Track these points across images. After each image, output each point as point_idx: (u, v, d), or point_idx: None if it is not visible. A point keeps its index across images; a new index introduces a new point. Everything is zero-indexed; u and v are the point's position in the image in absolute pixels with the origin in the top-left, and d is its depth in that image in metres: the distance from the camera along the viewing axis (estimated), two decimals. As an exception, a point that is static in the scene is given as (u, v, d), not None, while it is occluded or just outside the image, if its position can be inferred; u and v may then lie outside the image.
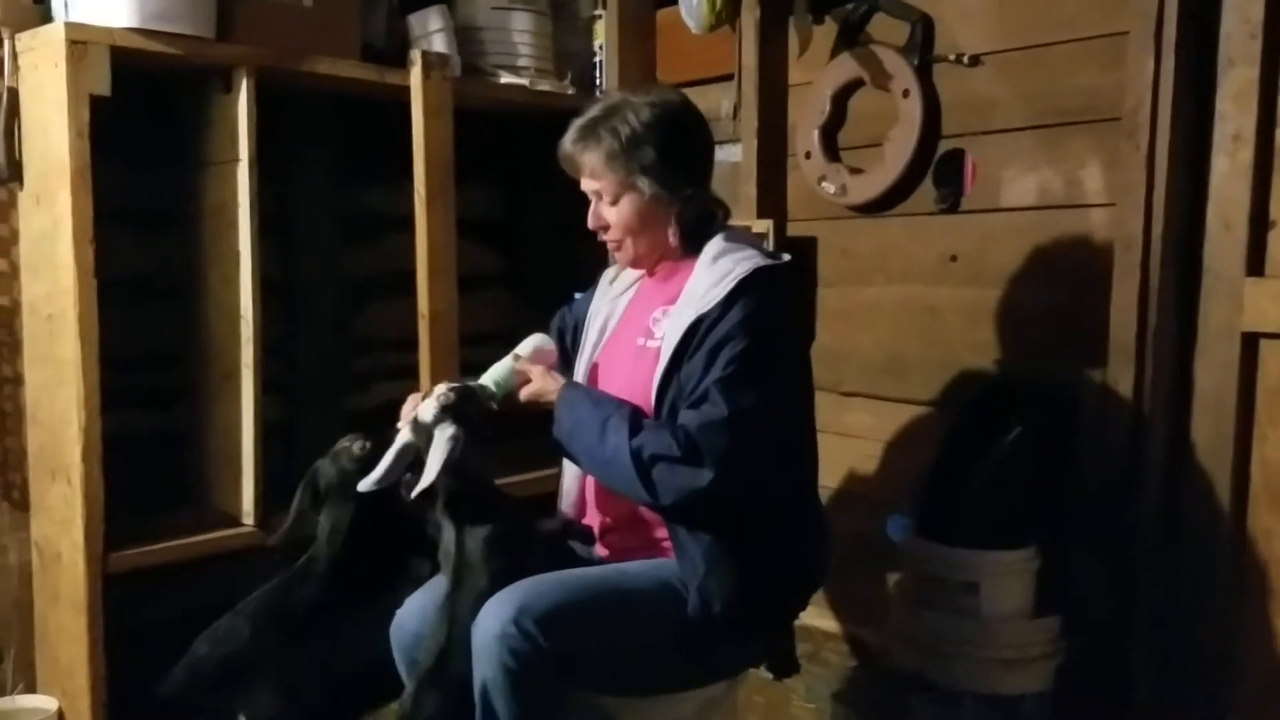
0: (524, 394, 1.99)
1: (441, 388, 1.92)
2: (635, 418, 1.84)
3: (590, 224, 2.03)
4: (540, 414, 1.97)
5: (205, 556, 2.61)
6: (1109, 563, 2.38)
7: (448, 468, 1.83)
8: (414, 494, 1.84)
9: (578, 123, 1.99)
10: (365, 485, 1.89)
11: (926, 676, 2.38)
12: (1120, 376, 2.35)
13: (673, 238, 2.00)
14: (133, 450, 2.68)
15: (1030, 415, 2.39)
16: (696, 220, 2.00)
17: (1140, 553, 2.35)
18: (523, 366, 2.01)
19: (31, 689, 2.65)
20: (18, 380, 2.62)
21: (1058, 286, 2.53)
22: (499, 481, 2.40)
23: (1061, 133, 2.52)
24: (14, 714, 2.55)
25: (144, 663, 2.12)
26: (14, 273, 2.60)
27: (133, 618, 2.52)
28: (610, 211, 1.99)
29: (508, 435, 2.12)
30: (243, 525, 2.66)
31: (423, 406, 1.90)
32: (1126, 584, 2.37)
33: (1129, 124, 2.33)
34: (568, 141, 1.99)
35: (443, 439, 1.84)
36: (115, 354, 2.52)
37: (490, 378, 1.99)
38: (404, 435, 1.89)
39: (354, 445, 2.08)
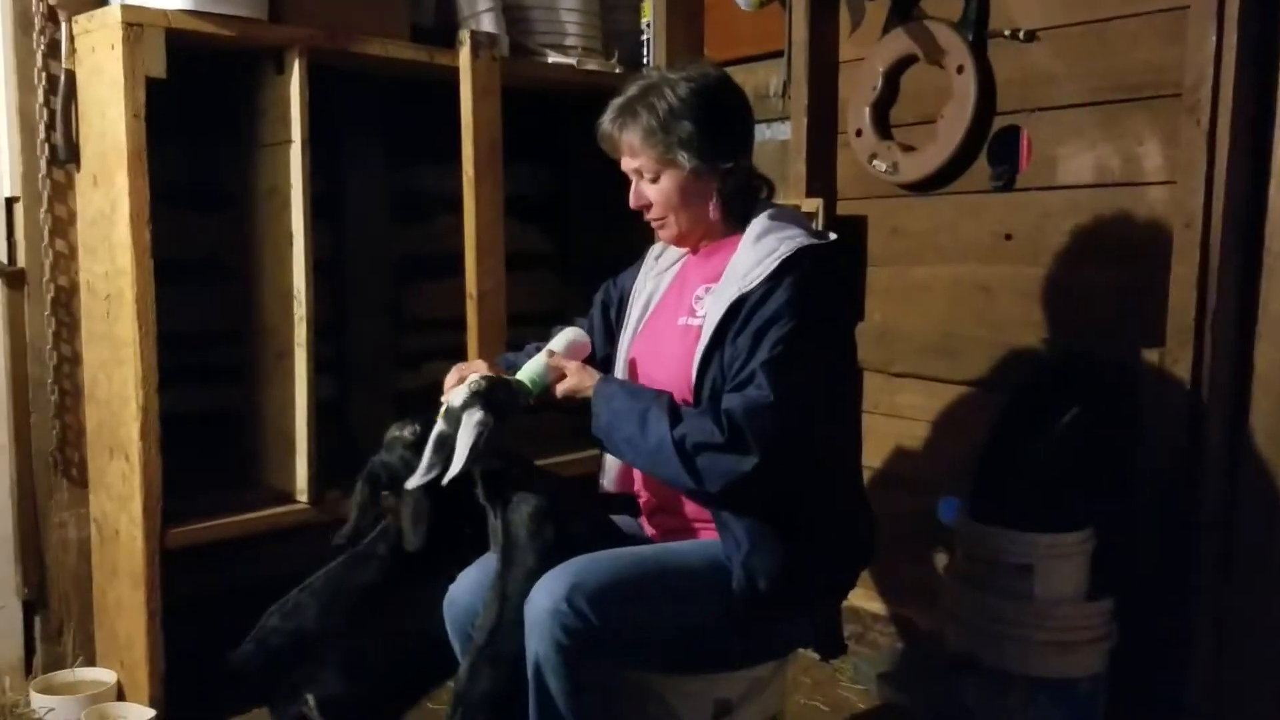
0: (560, 389, 1.99)
1: (474, 376, 1.94)
2: (674, 407, 1.84)
3: (632, 203, 2.03)
4: (579, 406, 1.97)
5: (260, 533, 2.64)
6: (1166, 546, 2.35)
7: (476, 452, 1.84)
8: (445, 480, 1.86)
9: (616, 102, 1.98)
10: (413, 482, 1.91)
11: (977, 658, 2.36)
12: (1179, 357, 2.32)
13: (714, 212, 1.99)
14: (189, 428, 2.72)
15: (1086, 396, 2.36)
16: (738, 195, 1.99)
17: (1198, 536, 2.32)
18: (557, 362, 2.00)
19: (91, 662, 2.71)
20: (76, 359, 2.67)
21: (1115, 266, 2.50)
22: (545, 461, 2.42)
23: (1120, 109, 2.48)
24: (74, 686, 2.60)
25: (201, 637, 2.16)
26: (72, 253, 2.64)
27: (189, 592, 2.56)
28: (651, 189, 1.99)
29: (552, 416, 2.13)
30: (296, 502, 2.69)
31: (454, 394, 1.92)
32: (1184, 568, 2.34)
33: (1190, 100, 2.29)
34: (606, 121, 1.99)
35: (470, 424, 1.85)
36: (172, 333, 2.56)
37: (525, 375, 1.99)
38: (439, 425, 1.91)
39: (404, 431, 2.10)
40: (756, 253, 1.89)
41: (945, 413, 2.84)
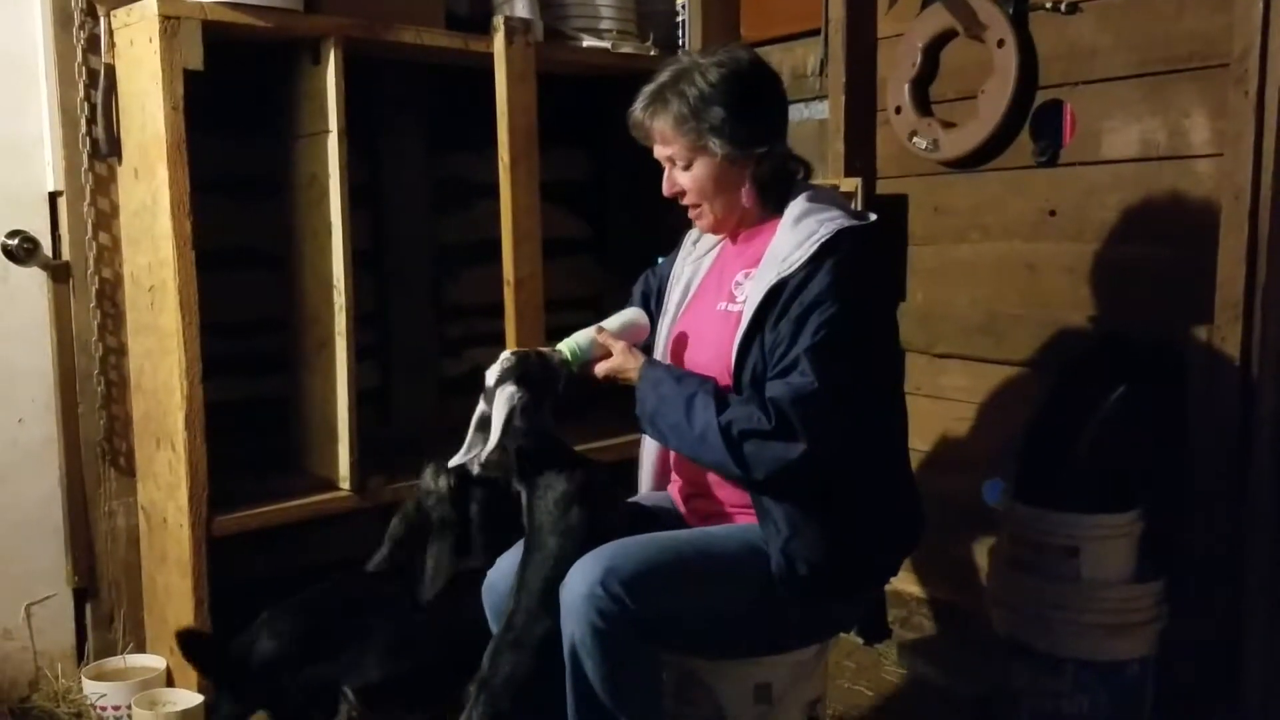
0: (600, 369, 1.99)
1: (505, 353, 1.95)
2: (720, 393, 1.83)
3: (665, 191, 2.01)
4: (622, 387, 1.97)
5: (304, 520, 2.67)
6: (1217, 526, 2.30)
7: (510, 426, 1.86)
8: (483, 459, 1.87)
9: (647, 89, 1.97)
10: (455, 461, 1.94)
11: (1024, 642, 2.34)
12: (1228, 334, 2.27)
13: (747, 199, 1.97)
14: (234, 417, 2.75)
15: (1134, 375, 2.32)
16: (773, 179, 1.97)
17: (1250, 516, 2.27)
18: (605, 340, 2.00)
19: (141, 649, 2.76)
20: (122, 350, 2.70)
21: (1162, 241, 2.45)
22: (584, 447, 2.42)
23: (1165, 81, 2.42)
24: (124, 672, 2.65)
25: (248, 622, 2.19)
26: (116, 245, 2.67)
27: (236, 579, 2.60)
28: (684, 176, 1.97)
29: (590, 403, 2.13)
30: (339, 489, 2.71)
31: (489, 373, 1.93)
32: (1236, 548, 2.29)
33: (1237, 70, 2.23)
34: (637, 109, 1.97)
35: (502, 398, 1.87)
36: (216, 323, 2.59)
37: (569, 344, 1.99)
38: (480, 406, 1.92)
39: (439, 483, 2.16)
40: (795, 236, 1.87)
41: (990, 393, 2.80)
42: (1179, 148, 2.42)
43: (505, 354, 1.95)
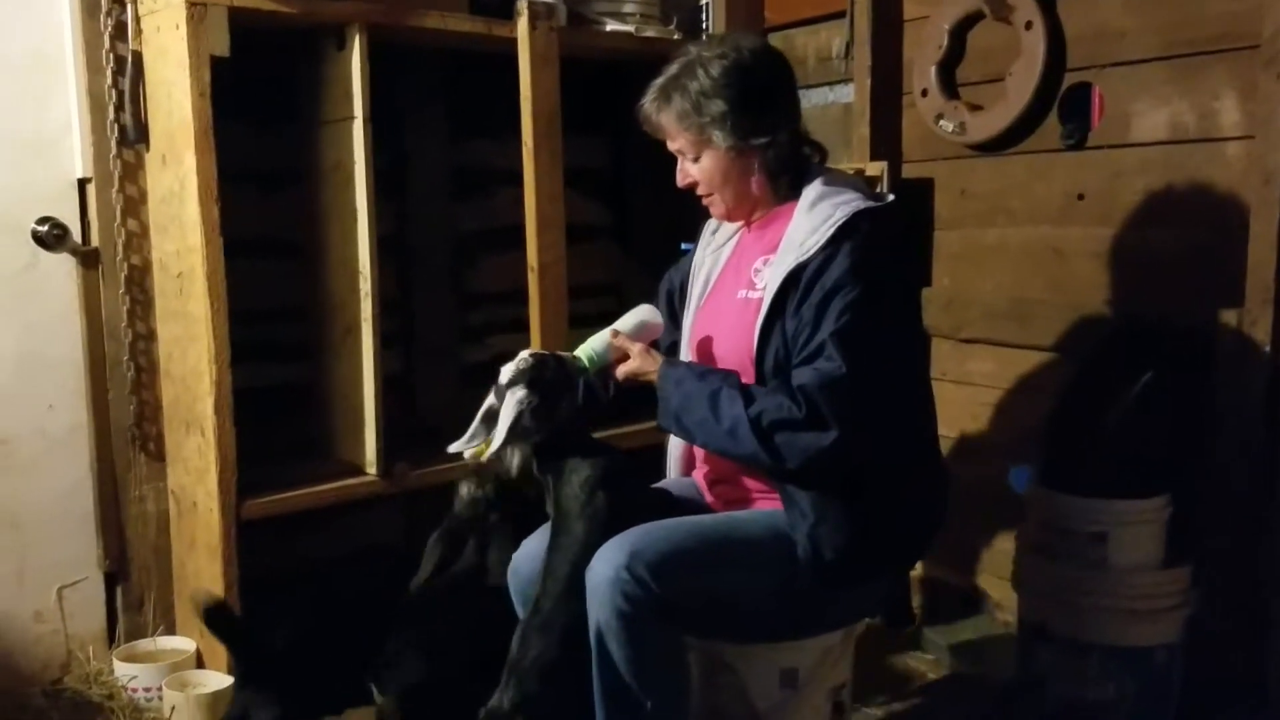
0: (621, 371, 1.98)
1: (524, 353, 1.95)
2: (745, 387, 1.83)
3: (679, 182, 2.03)
4: (641, 389, 1.96)
5: (331, 505, 2.68)
6: (1246, 511, 2.29)
7: (516, 429, 1.86)
8: (486, 457, 1.89)
9: (654, 84, 1.98)
10: (454, 448, 1.95)
11: (1050, 628, 2.33)
12: (1259, 319, 2.25)
13: (757, 187, 1.97)
14: (261, 403, 2.77)
15: (1162, 360, 2.30)
16: (784, 166, 1.96)
17: (1278, 502, 2.25)
18: (621, 343, 1.99)
19: (171, 631, 2.78)
20: (150, 336, 2.72)
21: (1191, 225, 2.43)
22: (605, 434, 2.41)
23: (1195, 63, 2.40)
24: (155, 655, 2.67)
25: (276, 604, 2.21)
26: (144, 232, 2.69)
27: (265, 563, 2.62)
28: (694, 168, 1.99)
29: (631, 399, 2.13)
30: (366, 475, 2.73)
31: (504, 370, 1.93)
32: (1264, 533, 2.27)
33: (1268, 51, 2.21)
34: (645, 103, 1.99)
35: (512, 400, 1.87)
36: (244, 309, 2.60)
37: (584, 351, 1.98)
38: (489, 398, 1.93)
39: (464, 489, 2.22)
40: (811, 220, 1.86)
41: (1016, 379, 2.79)
42: (1208, 130, 2.40)
43: (523, 354, 1.95)
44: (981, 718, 2.56)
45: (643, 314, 2.08)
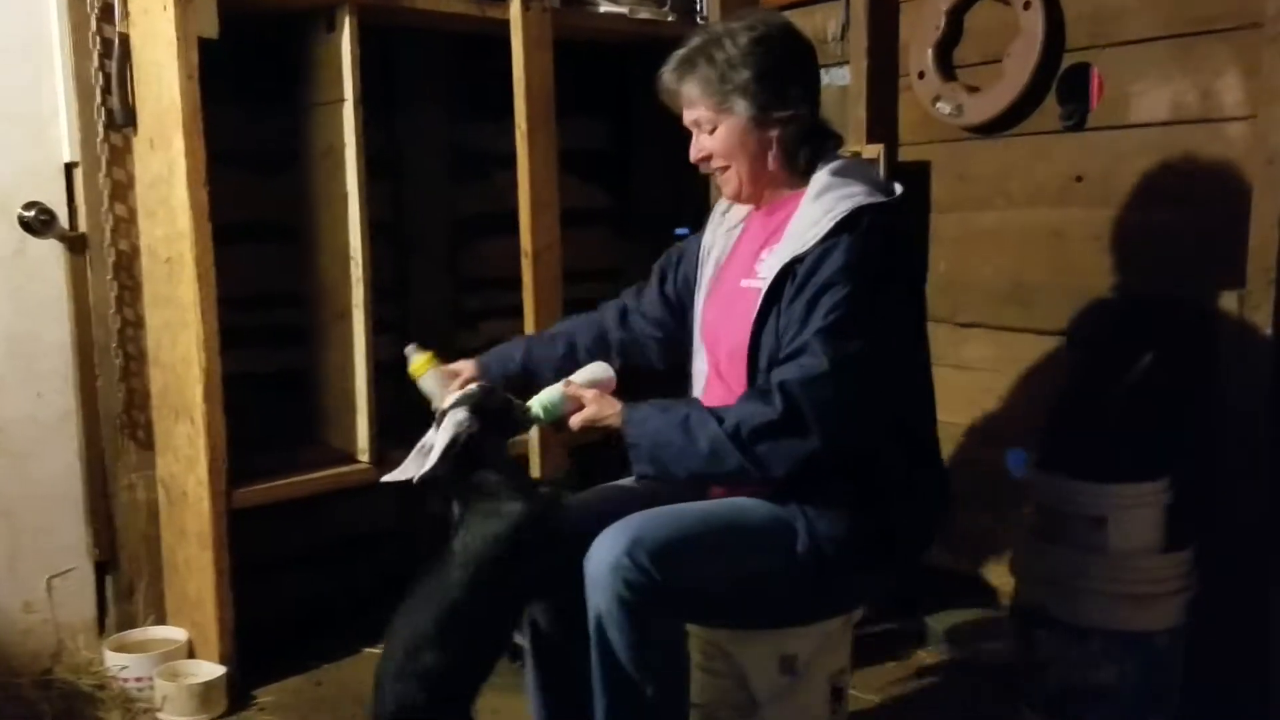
0: (576, 420, 1.90)
1: (473, 387, 1.91)
2: (710, 408, 1.79)
3: (692, 156, 2.00)
4: (603, 437, 1.90)
5: (323, 492, 2.66)
6: (1247, 494, 2.27)
7: (452, 452, 1.78)
8: (417, 479, 1.79)
9: (676, 54, 1.96)
10: (387, 478, 1.86)
11: (1050, 612, 2.32)
12: (1260, 300, 2.23)
13: (773, 163, 1.95)
14: (252, 389, 2.74)
15: (1162, 342, 2.29)
16: (800, 146, 1.94)
17: (1281, 484, 2.25)
18: (575, 392, 1.92)
19: (162, 621, 2.76)
20: (139, 323, 2.69)
21: (1192, 206, 2.41)
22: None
23: (1196, 42, 2.38)
24: (146, 644, 2.65)
25: (268, 593, 2.18)
26: (132, 217, 2.66)
27: (256, 551, 2.59)
28: (710, 140, 1.96)
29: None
30: (358, 462, 2.70)
31: (449, 396, 1.88)
32: (1266, 516, 2.26)
33: (1271, 29, 2.19)
34: (666, 73, 1.97)
35: (451, 422, 1.80)
36: (234, 295, 2.58)
37: (538, 402, 1.91)
38: (429, 432, 1.85)
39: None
40: (814, 211, 1.84)
41: (1015, 363, 2.78)
42: (1210, 110, 2.38)
43: (473, 387, 1.90)
44: (981, 702, 2.55)
45: (595, 370, 2.02)
